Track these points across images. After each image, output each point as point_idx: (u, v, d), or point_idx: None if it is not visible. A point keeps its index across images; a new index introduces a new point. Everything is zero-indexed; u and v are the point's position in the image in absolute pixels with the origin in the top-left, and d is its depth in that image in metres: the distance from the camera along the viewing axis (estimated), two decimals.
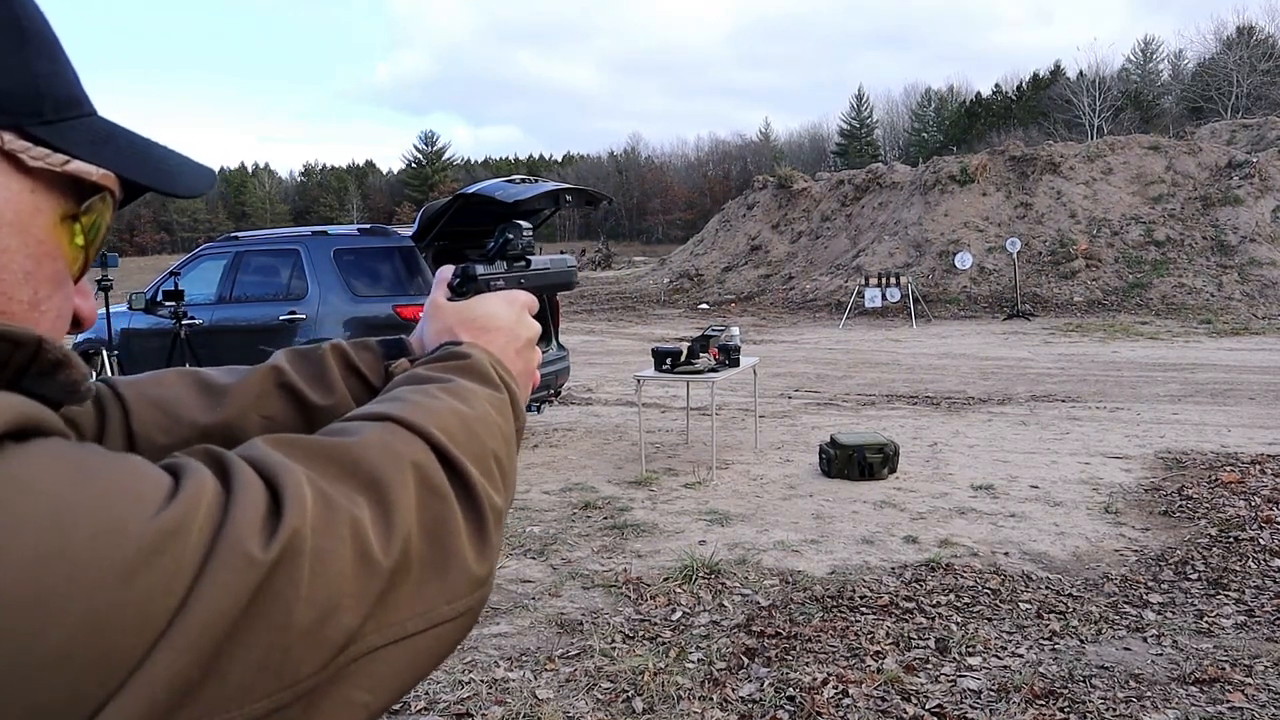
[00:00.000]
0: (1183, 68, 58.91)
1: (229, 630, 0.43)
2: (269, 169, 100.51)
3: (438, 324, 0.79)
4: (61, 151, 0.53)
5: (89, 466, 0.43)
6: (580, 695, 3.32)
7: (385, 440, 0.55)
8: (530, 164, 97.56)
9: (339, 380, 0.80)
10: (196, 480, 0.46)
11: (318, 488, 0.49)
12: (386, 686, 0.50)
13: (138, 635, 0.41)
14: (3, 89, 0.50)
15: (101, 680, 0.40)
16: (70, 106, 0.54)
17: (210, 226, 77.15)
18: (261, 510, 0.46)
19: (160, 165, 0.60)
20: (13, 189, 0.51)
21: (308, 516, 0.47)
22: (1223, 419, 7.90)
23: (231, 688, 0.43)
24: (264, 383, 0.78)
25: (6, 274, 0.51)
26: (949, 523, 5.29)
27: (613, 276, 32.12)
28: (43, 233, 0.53)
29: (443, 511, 0.54)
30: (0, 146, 0.50)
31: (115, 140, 0.57)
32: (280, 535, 0.45)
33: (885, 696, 3.24)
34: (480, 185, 6.80)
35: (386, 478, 0.52)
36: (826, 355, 13.28)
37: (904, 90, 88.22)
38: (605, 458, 7.12)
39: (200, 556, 0.43)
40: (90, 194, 0.55)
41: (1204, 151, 20.15)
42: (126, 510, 0.42)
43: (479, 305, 0.80)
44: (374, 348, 0.83)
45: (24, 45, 0.51)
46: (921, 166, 23.79)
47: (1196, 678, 3.32)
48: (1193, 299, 16.92)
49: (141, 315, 7.58)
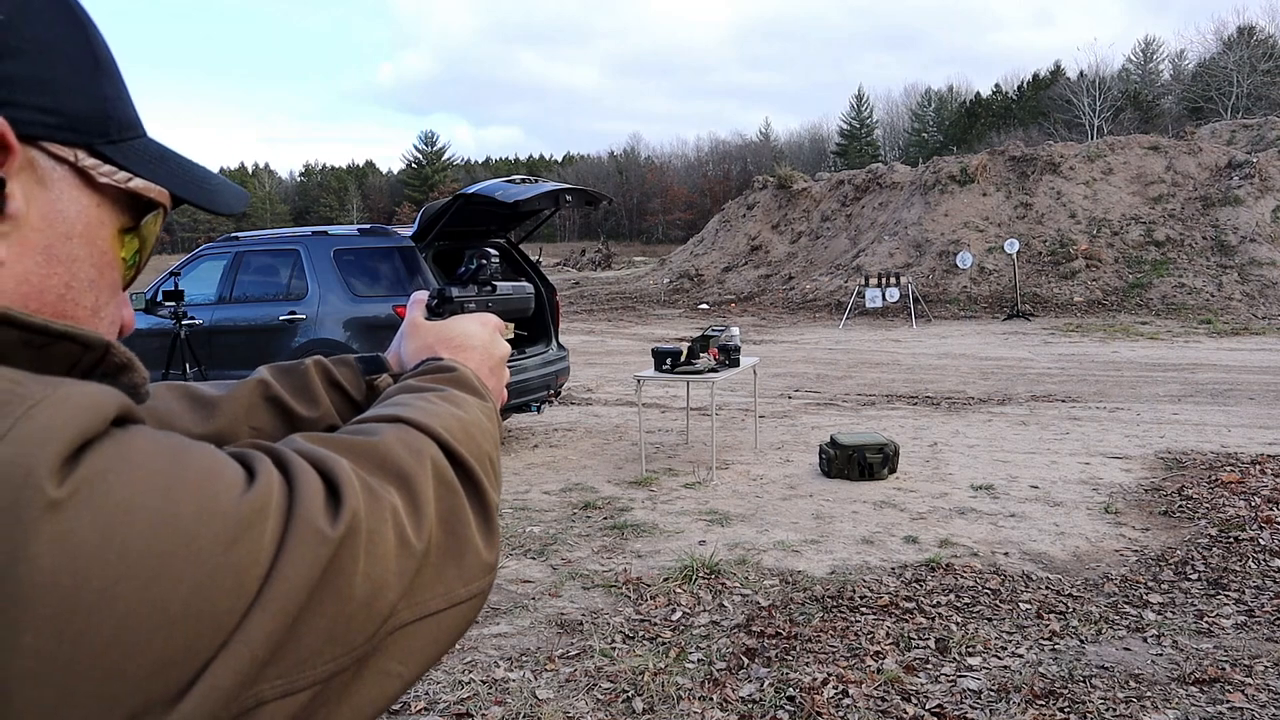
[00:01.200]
0: (1183, 68, 58.91)
1: (307, 598, 0.48)
2: (269, 169, 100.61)
3: (417, 342, 0.85)
4: (125, 169, 0.57)
5: (181, 452, 0.48)
6: (580, 695, 3.32)
7: (404, 438, 0.60)
8: (530, 164, 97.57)
9: (323, 394, 0.84)
10: (266, 468, 0.51)
11: (362, 478, 0.54)
12: (415, 659, 0.56)
13: (237, 598, 0.46)
14: (78, 111, 0.55)
15: (211, 635, 0.45)
16: (130, 128, 0.59)
17: (210, 227, 77.03)
18: (323, 495, 0.51)
19: (204, 184, 0.65)
20: (83, 203, 0.55)
21: (360, 501, 0.52)
22: (1223, 419, 7.90)
23: (306, 650, 0.49)
24: (252, 395, 0.82)
25: (76, 281, 0.55)
26: (949, 523, 5.29)
27: (613, 276, 32.11)
28: (105, 244, 0.57)
29: (456, 503, 0.60)
30: (75, 163, 0.54)
31: (168, 160, 0.62)
32: (343, 516, 0.51)
33: (885, 696, 3.24)
34: (481, 185, 6.80)
35: (412, 471, 0.58)
36: (826, 355, 13.28)
37: (904, 90, 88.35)
38: (605, 458, 7.12)
39: (279, 533, 0.48)
40: (145, 209, 0.60)
41: (1204, 151, 20.15)
42: (220, 489, 0.48)
43: (456, 325, 0.85)
44: (353, 364, 0.88)
45: (96, 71, 0.56)
46: (921, 166, 23.78)
47: (1196, 678, 3.32)
48: (1193, 299, 16.92)
49: (141, 315, 7.57)
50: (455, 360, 0.79)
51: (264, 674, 0.47)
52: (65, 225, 0.54)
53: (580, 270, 36.96)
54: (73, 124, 0.54)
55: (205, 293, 7.73)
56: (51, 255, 0.54)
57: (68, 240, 0.54)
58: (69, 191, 0.54)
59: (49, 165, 0.53)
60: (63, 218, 0.54)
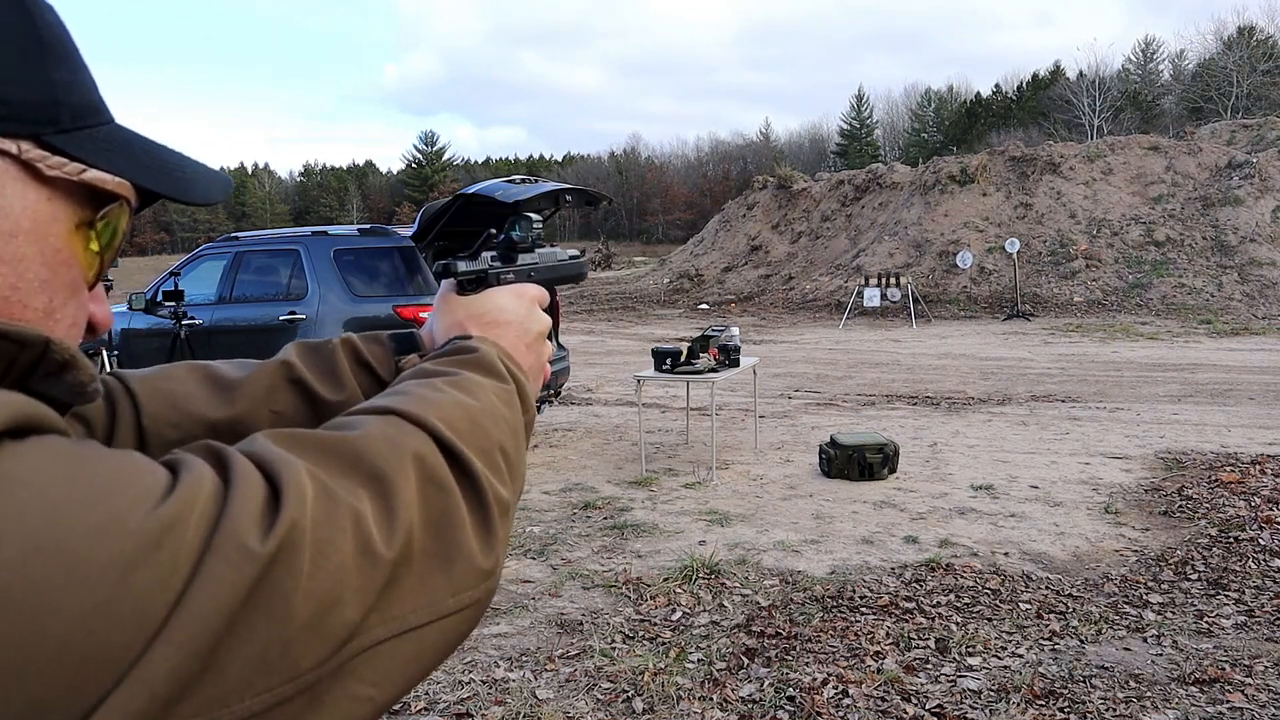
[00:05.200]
0: (1183, 68, 58.90)
1: (227, 624, 0.43)
2: (269, 169, 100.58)
3: (448, 319, 0.79)
4: (78, 160, 0.53)
5: (86, 462, 0.43)
6: (580, 695, 3.32)
7: (387, 433, 0.55)
8: (530, 164, 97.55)
9: (349, 375, 0.80)
10: (194, 475, 0.46)
11: (319, 481, 0.49)
12: (391, 680, 0.50)
13: (136, 630, 0.41)
14: (21, 99, 0.51)
15: (99, 675, 0.40)
16: (87, 114, 0.55)
17: (210, 227, 77.08)
18: (260, 503, 0.46)
19: (175, 173, 0.60)
20: (30, 198, 0.52)
21: (307, 509, 0.47)
22: (1223, 419, 7.90)
23: (231, 681, 0.43)
24: (274, 377, 0.78)
25: (23, 282, 0.51)
26: (949, 523, 5.29)
27: (613, 276, 32.10)
28: (59, 241, 0.53)
29: (446, 504, 0.55)
30: (18, 156, 0.51)
31: (131, 148, 0.58)
32: (278, 528, 0.45)
33: (885, 696, 3.24)
34: (480, 185, 6.69)
35: (388, 470, 0.52)
36: (826, 355, 13.28)
37: (904, 91, 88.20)
38: (605, 458, 7.12)
39: (197, 551, 0.43)
40: (107, 202, 0.56)
41: (1204, 152, 20.16)
42: (124, 505, 0.42)
43: (488, 299, 0.80)
44: (385, 342, 0.83)
45: (42, 56, 0.52)
46: (921, 167, 23.79)
47: (1196, 678, 3.32)
48: (1193, 299, 16.92)
49: (141, 315, 7.57)
50: (484, 338, 0.73)
51: (173, 713, 0.41)
52: (8, 223, 0.51)
53: None
54: (15, 113, 0.50)
55: (205, 293, 7.74)
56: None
57: (11, 239, 0.51)
58: (12, 186, 0.51)
59: None
60: (6, 214, 0.50)
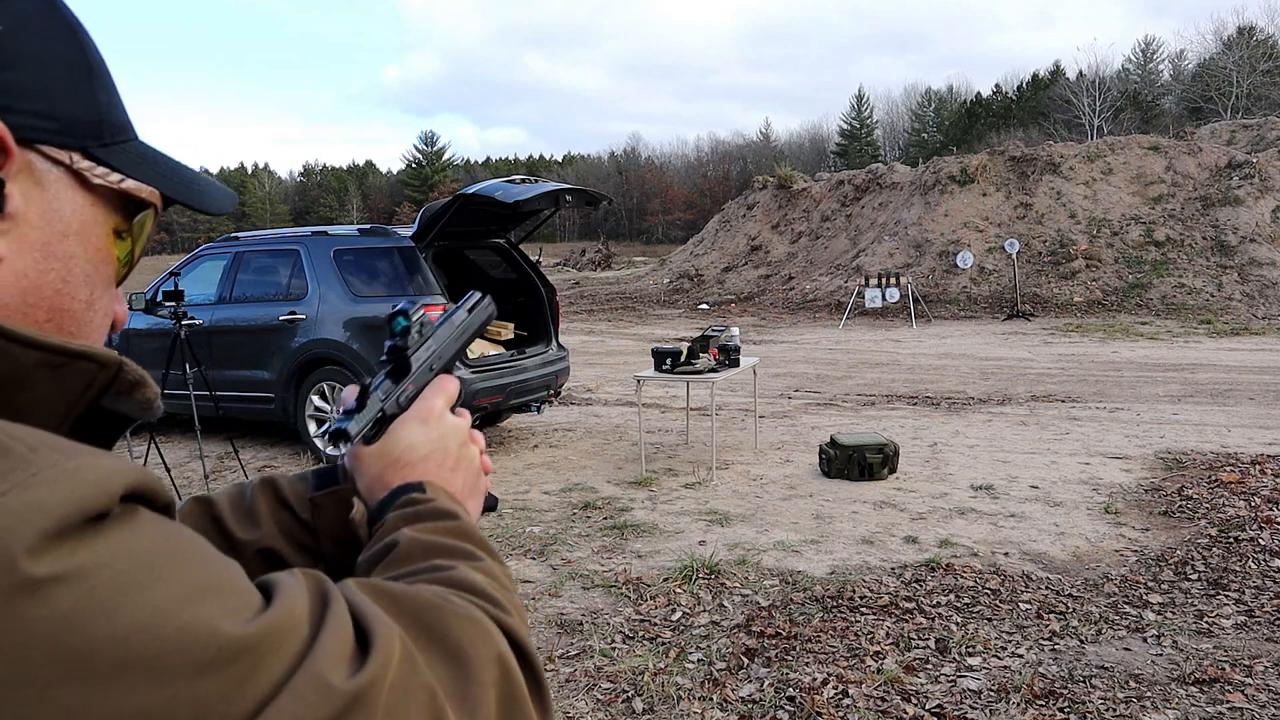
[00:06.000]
0: (1183, 68, 58.90)
1: None
2: (269, 169, 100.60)
3: (367, 477, 0.76)
4: (118, 171, 0.60)
5: (193, 555, 0.46)
6: (580, 695, 3.32)
7: (474, 619, 0.57)
8: (530, 164, 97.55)
9: (266, 516, 0.79)
10: (291, 601, 0.48)
11: (407, 646, 0.51)
12: None
13: None
14: (74, 116, 0.57)
15: None
16: (122, 132, 0.62)
17: (210, 227, 77.06)
18: (349, 647, 0.48)
19: (193, 185, 0.67)
20: (78, 202, 0.58)
21: (391, 669, 0.49)
22: (1223, 419, 7.90)
23: None
24: (194, 516, 0.79)
25: (71, 276, 0.58)
26: (949, 523, 5.29)
27: (613, 277, 32.10)
28: (100, 241, 0.60)
29: (517, 711, 0.57)
30: (70, 165, 0.57)
31: (158, 163, 0.64)
32: (361, 677, 0.47)
33: (885, 696, 3.24)
34: (481, 186, 6.81)
35: (473, 659, 0.55)
36: (826, 355, 13.28)
37: (904, 91, 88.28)
38: (605, 458, 7.12)
39: (279, 677, 0.44)
40: (137, 209, 0.62)
41: (1204, 152, 20.15)
42: (219, 611, 0.44)
43: (396, 441, 0.76)
44: (308, 479, 0.81)
45: (91, 79, 0.59)
46: (921, 167, 23.77)
47: (1196, 678, 3.32)
48: (1193, 299, 16.91)
49: (141, 315, 7.56)
50: (422, 481, 0.73)
51: None
52: (61, 224, 0.57)
53: (580, 270, 36.96)
54: (68, 128, 0.57)
55: (205, 293, 7.74)
56: (49, 252, 0.56)
57: (64, 238, 0.57)
58: (65, 192, 0.57)
59: (46, 167, 0.56)
60: (59, 216, 0.56)
